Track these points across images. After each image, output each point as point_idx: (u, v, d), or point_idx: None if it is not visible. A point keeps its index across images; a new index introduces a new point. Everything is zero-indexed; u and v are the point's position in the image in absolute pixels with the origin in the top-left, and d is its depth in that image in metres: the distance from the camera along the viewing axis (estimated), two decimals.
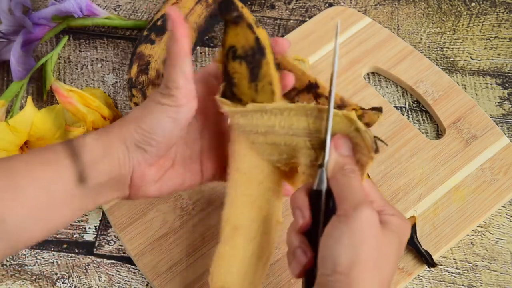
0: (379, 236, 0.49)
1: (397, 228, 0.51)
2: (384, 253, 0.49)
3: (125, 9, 0.86)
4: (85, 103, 0.75)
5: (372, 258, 0.48)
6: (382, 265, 0.49)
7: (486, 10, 0.85)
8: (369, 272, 0.48)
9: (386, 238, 0.50)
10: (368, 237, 0.48)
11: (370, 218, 0.49)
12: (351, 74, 0.78)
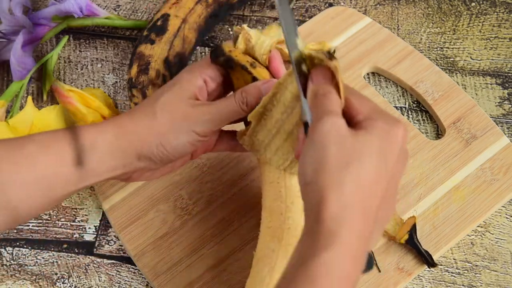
0: (346, 141, 0.46)
1: (378, 131, 0.48)
2: (354, 155, 0.46)
3: (125, 9, 0.86)
4: (85, 103, 0.75)
5: (336, 163, 0.45)
6: (353, 167, 0.45)
7: (486, 10, 0.85)
8: (335, 176, 0.45)
9: (358, 141, 0.47)
10: (329, 143, 0.46)
11: (332, 126, 0.47)
12: (351, 74, 0.78)
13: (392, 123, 0.48)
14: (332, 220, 0.44)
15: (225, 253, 0.69)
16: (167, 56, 0.75)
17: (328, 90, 0.50)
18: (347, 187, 0.45)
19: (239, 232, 0.70)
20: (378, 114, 0.49)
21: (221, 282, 0.67)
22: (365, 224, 0.45)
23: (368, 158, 0.46)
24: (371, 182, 0.46)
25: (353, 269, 0.44)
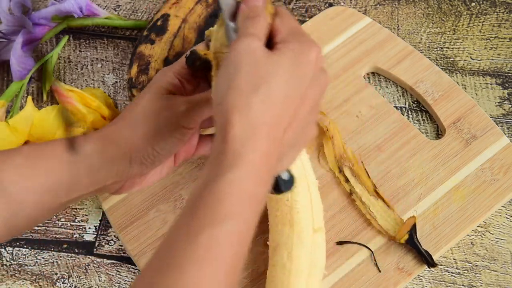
0: (258, 62, 0.46)
1: (290, 52, 0.47)
2: (264, 77, 0.46)
3: (125, 9, 0.86)
4: (85, 103, 0.75)
5: (246, 84, 0.46)
6: (262, 89, 0.46)
7: (486, 10, 0.85)
8: (243, 97, 0.45)
9: (270, 63, 0.47)
10: (242, 64, 0.46)
11: (247, 47, 0.47)
12: (351, 74, 0.78)
13: (306, 45, 0.48)
14: (237, 140, 0.44)
15: None
16: (167, 56, 0.75)
17: (257, 14, 0.50)
18: (253, 108, 0.45)
19: None
20: (294, 36, 0.49)
21: None
22: (271, 145, 0.46)
23: (277, 79, 0.46)
24: (279, 104, 0.46)
25: (258, 188, 0.45)
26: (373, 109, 0.76)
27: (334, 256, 0.68)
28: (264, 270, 0.67)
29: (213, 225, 0.43)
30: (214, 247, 0.42)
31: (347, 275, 0.67)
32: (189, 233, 0.43)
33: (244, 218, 0.44)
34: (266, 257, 0.68)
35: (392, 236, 0.68)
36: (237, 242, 0.44)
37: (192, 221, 0.43)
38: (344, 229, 0.69)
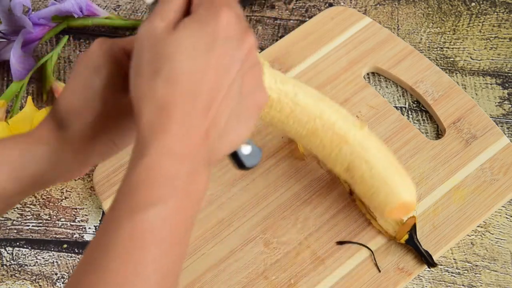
0: (159, 44, 0.44)
1: (193, 24, 0.44)
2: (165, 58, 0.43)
3: (125, 9, 0.86)
4: None
5: (148, 70, 0.44)
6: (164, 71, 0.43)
7: (486, 10, 0.85)
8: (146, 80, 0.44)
9: (171, 41, 0.44)
10: (143, 50, 0.44)
11: (147, 31, 0.45)
12: (351, 74, 0.78)
13: (212, 11, 0.45)
14: (146, 127, 0.43)
15: (225, 253, 0.69)
16: None
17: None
18: (157, 91, 0.43)
19: (239, 232, 0.70)
20: (205, 2, 0.46)
21: (221, 282, 0.67)
22: (189, 123, 0.43)
23: (179, 56, 0.44)
24: (186, 80, 0.43)
25: (179, 168, 0.42)
26: (373, 109, 0.76)
27: (334, 256, 0.68)
28: (264, 270, 0.67)
29: (134, 212, 0.41)
30: (137, 236, 0.41)
31: (347, 275, 0.67)
32: (113, 222, 0.42)
33: (170, 202, 0.42)
34: (266, 257, 0.68)
35: (392, 236, 0.68)
36: (164, 229, 0.41)
37: (114, 211, 0.42)
38: (344, 229, 0.69)
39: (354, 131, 0.64)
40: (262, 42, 0.83)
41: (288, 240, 0.69)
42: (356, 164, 0.64)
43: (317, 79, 0.78)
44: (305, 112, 0.64)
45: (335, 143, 0.64)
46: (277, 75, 0.65)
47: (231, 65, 0.45)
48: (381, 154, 0.64)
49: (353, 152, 0.64)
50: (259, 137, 0.75)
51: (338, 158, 0.64)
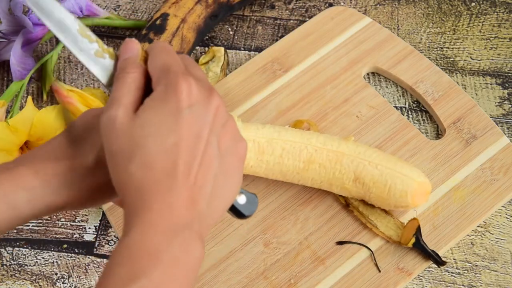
0: (126, 133, 0.44)
1: (156, 102, 0.44)
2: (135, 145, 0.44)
3: (125, 9, 0.86)
4: (86, 103, 0.75)
5: (121, 159, 0.44)
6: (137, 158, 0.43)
7: (486, 10, 0.85)
8: (123, 170, 0.44)
9: (137, 126, 0.44)
10: (110, 140, 0.44)
11: (107, 121, 0.44)
12: (351, 74, 0.78)
13: (170, 84, 0.45)
14: (130, 209, 0.43)
15: (225, 253, 0.69)
16: None
17: (125, 71, 0.47)
18: (135, 179, 0.43)
19: (239, 232, 0.70)
20: (161, 79, 0.46)
21: (221, 282, 0.67)
22: (166, 201, 0.43)
23: (148, 141, 0.44)
24: (161, 162, 0.43)
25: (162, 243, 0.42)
26: (373, 109, 0.76)
27: (334, 256, 0.68)
28: (264, 270, 0.67)
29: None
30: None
31: (347, 275, 0.67)
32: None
33: (155, 274, 0.41)
34: (266, 257, 0.68)
35: (397, 241, 0.67)
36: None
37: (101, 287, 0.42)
38: (344, 229, 0.69)
39: (344, 144, 0.67)
40: (262, 42, 0.83)
41: (288, 240, 0.69)
42: (361, 169, 0.66)
43: (317, 79, 0.78)
44: (296, 145, 0.67)
45: (334, 160, 0.66)
46: (253, 124, 0.68)
47: (201, 131, 0.45)
48: (377, 152, 0.67)
49: (354, 159, 0.66)
50: None
51: (343, 172, 0.66)
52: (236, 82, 0.78)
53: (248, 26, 0.85)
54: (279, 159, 0.67)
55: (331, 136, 0.68)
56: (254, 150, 0.67)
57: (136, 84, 0.46)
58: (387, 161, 0.66)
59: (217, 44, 0.83)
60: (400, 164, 0.66)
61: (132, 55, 0.48)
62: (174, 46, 0.77)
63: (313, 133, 0.68)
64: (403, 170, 0.66)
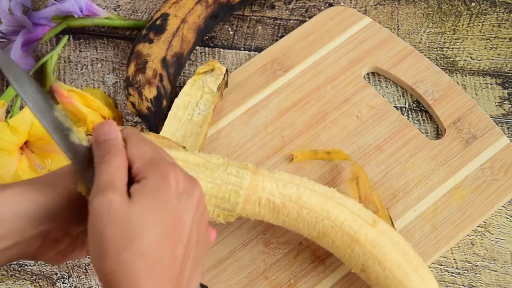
0: (121, 219, 0.44)
1: (149, 191, 0.45)
2: (131, 232, 0.43)
3: (125, 9, 0.86)
4: (86, 103, 0.75)
5: (115, 247, 0.43)
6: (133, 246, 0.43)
7: (486, 10, 0.85)
8: (117, 259, 0.43)
9: (133, 213, 0.44)
10: (105, 226, 0.44)
11: (103, 205, 0.44)
12: (351, 74, 0.78)
13: (162, 175, 0.46)
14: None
15: (225, 253, 0.69)
16: (165, 56, 0.75)
17: (110, 152, 0.47)
18: (129, 267, 0.43)
19: (239, 232, 0.70)
20: (150, 167, 0.46)
21: (221, 282, 0.67)
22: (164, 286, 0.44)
23: (145, 229, 0.44)
24: (155, 250, 0.44)
25: None
26: (373, 109, 0.76)
27: (334, 256, 0.68)
28: (264, 270, 0.67)
29: None
30: None
31: (347, 275, 0.67)
32: None
33: None
34: (266, 257, 0.68)
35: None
36: None
37: None
38: None
39: (365, 229, 0.61)
40: (262, 42, 0.83)
41: (288, 240, 0.69)
42: (369, 264, 0.61)
43: (317, 79, 0.78)
44: (313, 214, 0.62)
45: (347, 243, 0.61)
46: (279, 178, 0.62)
47: (187, 220, 0.46)
48: (396, 253, 0.61)
49: (365, 252, 0.61)
50: (259, 137, 0.75)
51: (352, 259, 0.62)
52: (236, 82, 0.78)
53: (248, 26, 0.85)
54: (294, 222, 0.63)
55: (357, 208, 0.62)
56: (269, 207, 0.62)
57: (123, 167, 0.46)
58: (401, 268, 0.60)
59: (217, 45, 0.83)
60: (415, 276, 0.60)
61: (114, 138, 0.48)
62: (174, 46, 0.77)
63: (337, 206, 0.62)
64: (411, 285, 0.60)
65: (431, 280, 0.61)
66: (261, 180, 0.62)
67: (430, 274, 0.61)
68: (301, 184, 0.62)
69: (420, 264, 0.61)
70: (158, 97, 0.74)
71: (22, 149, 0.72)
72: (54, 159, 0.72)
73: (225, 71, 0.75)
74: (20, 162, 0.71)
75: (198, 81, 0.75)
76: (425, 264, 0.63)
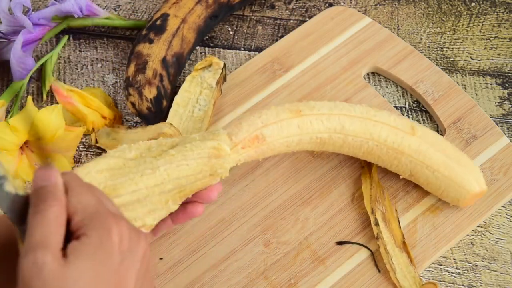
0: (53, 281, 0.39)
1: (88, 249, 0.40)
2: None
3: (125, 9, 0.86)
4: (85, 103, 0.75)
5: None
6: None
7: (486, 10, 0.85)
8: None
9: (66, 275, 0.39)
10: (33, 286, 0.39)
11: (32, 267, 0.39)
12: (351, 74, 0.78)
13: (102, 228, 0.41)
14: None
15: (225, 253, 0.69)
16: (165, 56, 0.75)
17: (43, 199, 0.41)
18: None
19: (239, 232, 0.70)
20: (91, 222, 0.42)
21: (221, 282, 0.67)
22: None
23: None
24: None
25: None
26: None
27: (334, 256, 0.68)
28: (264, 270, 0.67)
29: None
30: None
31: (347, 275, 0.67)
32: None
33: None
34: (266, 257, 0.68)
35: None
36: None
37: None
38: (344, 229, 0.69)
39: (407, 140, 0.66)
40: (262, 42, 0.83)
41: (288, 240, 0.69)
42: (418, 170, 0.67)
43: (317, 79, 0.78)
44: (357, 139, 0.66)
45: (392, 156, 0.66)
46: (321, 107, 0.66)
47: (130, 280, 0.43)
48: (439, 153, 0.66)
49: (412, 160, 0.66)
50: None
51: (399, 168, 0.67)
52: (236, 82, 0.78)
53: (248, 26, 0.85)
54: (340, 148, 0.67)
55: (395, 121, 0.67)
56: (316, 142, 0.66)
57: (59, 220, 0.41)
58: (447, 166, 0.66)
59: (217, 45, 0.83)
60: (461, 169, 0.66)
61: (52, 184, 0.43)
62: (174, 46, 0.77)
63: (377, 125, 0.66)
64: (460, 179, 0.66)
65: (473, 167, 0.67)
66: (308, 120, 0.65)
67: (470, 161, 0.67)
68: (340, 113, 0.66)
69: (459, 154, 0.67)
70: (158, 97, 0.74)
71: (22, 149, 0.72)
72: (54, 158, 0.72)
73: (223, 66, 0.75)
74: (20, 162, 0.71)
75: (196, 77, 0.75)
76: (461, 152, 0.68)
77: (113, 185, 0.55)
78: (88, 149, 0.76)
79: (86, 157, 0.75)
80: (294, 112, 0.65)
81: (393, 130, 0.66)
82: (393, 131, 0.66)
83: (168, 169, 0.57)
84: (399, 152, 0.66)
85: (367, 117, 0.66)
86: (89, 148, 0.76)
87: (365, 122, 0.66)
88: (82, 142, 0.76)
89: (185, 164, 0.58)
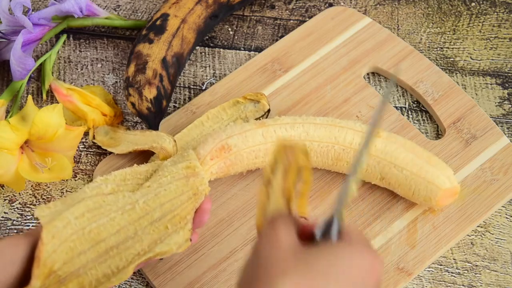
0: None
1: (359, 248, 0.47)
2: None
3: (125, 9, 0.86)
4: (85, 101, 0.75)
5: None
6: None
7: (486, 10, 0.85)
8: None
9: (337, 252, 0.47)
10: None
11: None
12: (351, 74, 0.78)
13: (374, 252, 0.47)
14: None
15: (225, 253, 0.69)
16: (164, 56, 0.75)
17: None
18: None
19: (239, 232, 0.70)
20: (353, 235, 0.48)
21: (221, 282, 0.67)
22: None
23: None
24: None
25: None
26: (373, 109, 0.76)
27: None
28: None
29: None
30: None
31: None
32: None
33: None
34: None
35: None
36: None
37: None
38: None
39: (373, 142, 0.65)
40: (262, 42, 0.83)
41: None
42: (386, 171, 0.67)
43: (317, 79, 0.78)
44: (323, 144, 0.67)
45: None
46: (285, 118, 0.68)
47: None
48: (407, 152, 0.67)
49: (380, 161, 0.67)
50: None
51: (370, 172, 0.68)
52: (236, 82, 0.78)
53: (248, 26, 0.85)
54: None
55: (359, 126, 0.68)
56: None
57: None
58: (415, 164, 0.66)
59: (217, 45, 0.83)
60: (430, 167, 0.66)
61: None
62: (174, 46, 0.77)
63: (342, 129, 0.67)
64: (430, 176, 0.66)
65: (443, 166, 0.67)
66: (272, 129, 0.66)
67: (440, 161, 0.67)
68: (304, 122, 0.67)
69: (429, 154, 0.67)
70: (158, 97, 0.74)
71: (23, 148, 0.72)
72: (54, 158, 0.72)
73: (267, 110, 0.74)
74: (20, 161, 0.71)
75: (241, 104, 0.74)
76: (432, 153, 0.68)
77: (96, 227, 0.57)
78: (88, 149, 0.76)
79: (86, 157, 0.75)
80: (258, 124, 0.67)
81: (358, 133, 0.67)
82: (358, 134, 0.67)
83: (147, 200, 0.60)
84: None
85: (332, 124, 0.68)
86: (89, 148, 0.76)
87: (329, 128, 0.67)
88: (82, 142, 0.76)
89: (162, 190, 0.60)
